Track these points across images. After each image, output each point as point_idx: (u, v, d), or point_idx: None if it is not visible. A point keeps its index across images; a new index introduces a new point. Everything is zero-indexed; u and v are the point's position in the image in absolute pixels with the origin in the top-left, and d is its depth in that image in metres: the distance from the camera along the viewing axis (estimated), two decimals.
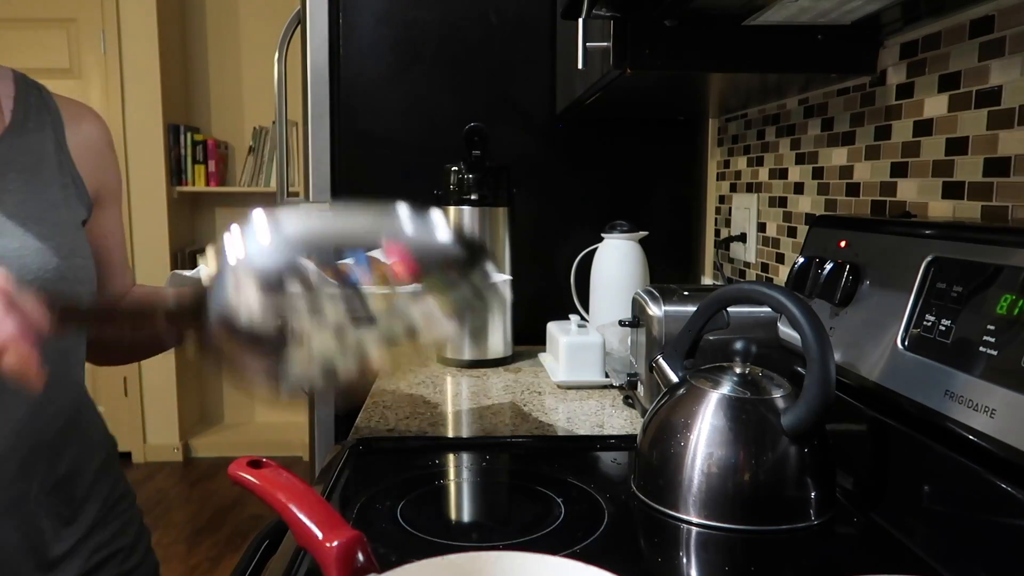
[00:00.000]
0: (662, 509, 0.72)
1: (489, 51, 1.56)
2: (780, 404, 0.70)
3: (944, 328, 0.63)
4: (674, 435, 0.72)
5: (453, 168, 1.37)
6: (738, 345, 0.76)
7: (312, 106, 1.54)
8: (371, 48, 1.55)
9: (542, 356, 1.41)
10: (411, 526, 0.69)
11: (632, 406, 1.13)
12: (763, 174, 1.35)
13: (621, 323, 1.11)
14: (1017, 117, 0.72)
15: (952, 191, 0.82)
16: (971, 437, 0.58)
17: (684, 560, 0.66)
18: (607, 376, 1.23)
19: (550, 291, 1.58)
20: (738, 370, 0.75)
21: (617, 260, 1.36)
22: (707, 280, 1.65)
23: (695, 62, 0.97)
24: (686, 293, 1.02)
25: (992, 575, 0.56)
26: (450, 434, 1.01)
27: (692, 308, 0.88)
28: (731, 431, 0.69)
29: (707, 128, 1.65)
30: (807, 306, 0.67)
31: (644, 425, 0.78)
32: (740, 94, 1.26)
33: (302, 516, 0.53)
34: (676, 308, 0.99)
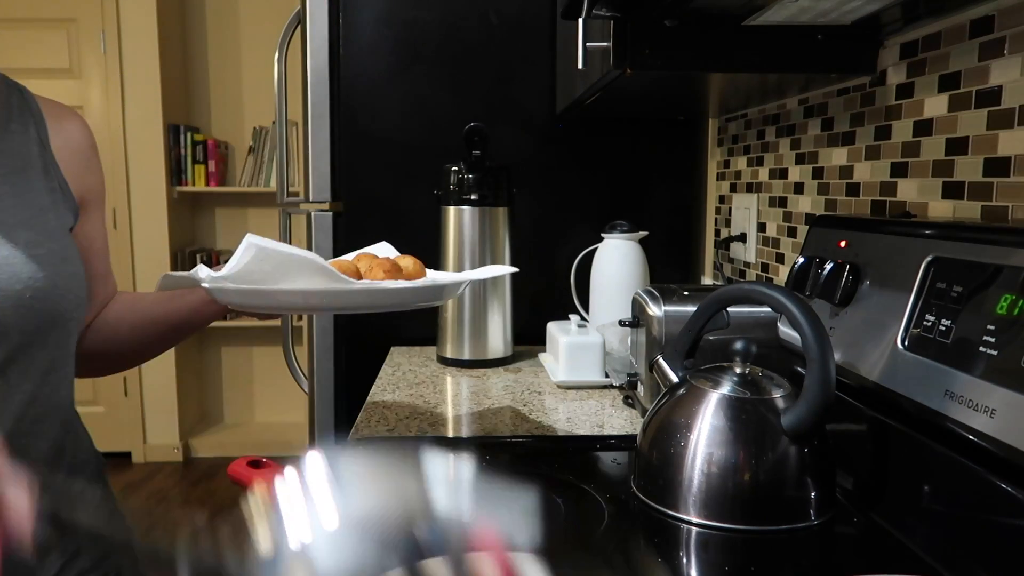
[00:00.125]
0: (662, 509, 0.72)
1: (489, 51, 1.56)
2: (780, 404, 0.70)
3: (944, 328, 0.63)
4: (674, 435, 0.72)
5: (453, 168, 1.37)
6: (738, 345, 0.76)
7: (312, 106, 1.54)
8: (371, 48, 1.55)
9: (542, 356, 1.41)
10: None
11: (632, 406, 1.13)
12: (763, 174, 1.35)
13: (621, 323, 1.11)
14: (1017, 117, 0.72)
15: (952, 191, 0.82)
16: (971, 437, 0.58)
17: (684, 560, 0.65)
18: (607, 376, 1.23)
19: (550, 291, 1.58)
20: (738, 370, 0.75)
21: (617, 260, 1.36)
22: (707, 280, 1.65)
23: (695, 62, 0.97)
24: (686, 293, 1.02)
25: (992, 575, 0.56)
26: (450, 434, 1.01)
27: (692, 308, 0.88)
28: (731, 431, 0.69)
29: (707, 128, 1.65)
30: (807, 306, 0.67)
31: (644, 425, 0.78)
32: (740, 94, 1.26)
33: None
34: (676, 308, 0.99)
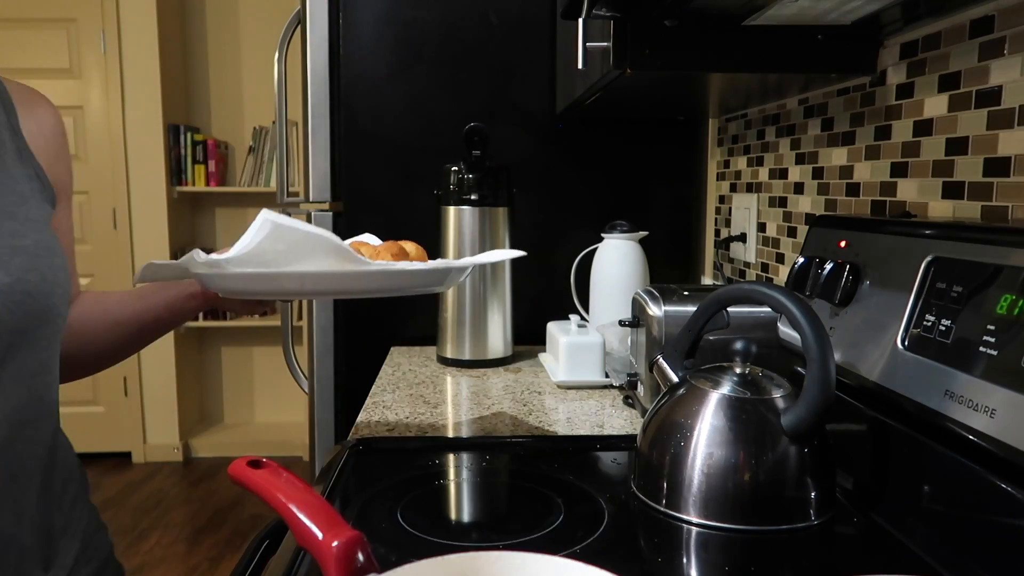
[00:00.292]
0: (662, 509, 0.72)
1: (489, 51, 1.56)
2: (780, 404, 0.70)
3: (944, 328, 0.63)
4: (674, 435, 0.72)
5: (453, 168, 1.37)
6: (738, 345, 0.76)
7: (312, 106, 1.54)
8: (371, 48, 1.55)
9: (542, 356, 1.41)
10: (411, 526, 0.69)
11: (632, 406, 1.13)
12: (763, 174, 1.35)
13: (621, 323, 1.11)
14: (1017, 117, 0.72)
15: (952, 191, 0.82)
16: (971, 437, 0.58)
17: (684, 560, 0.65)
18: (607, 376, 1.23)
19: (550, 291, 1.58)
20: (738, 370, 0.75)
21: (617, 260, 1.36)
22: (707, 280, 1.65)
23: (695, 62, 0.97)
24: (686, 293, 1.02)
25: (992, 575, 0.56)
26: (450, 434, 1.01)
27: (692, 308, 0.88)
28: (731, 431, 0.69)
29: (707, 128, 1.65)
30: (807, 306, 0.67)
31: (644, 425, 0.78)
32: (740, 94, 1.26)
33: (302, 516, 0.53)
34: (676, 308, 0.99)
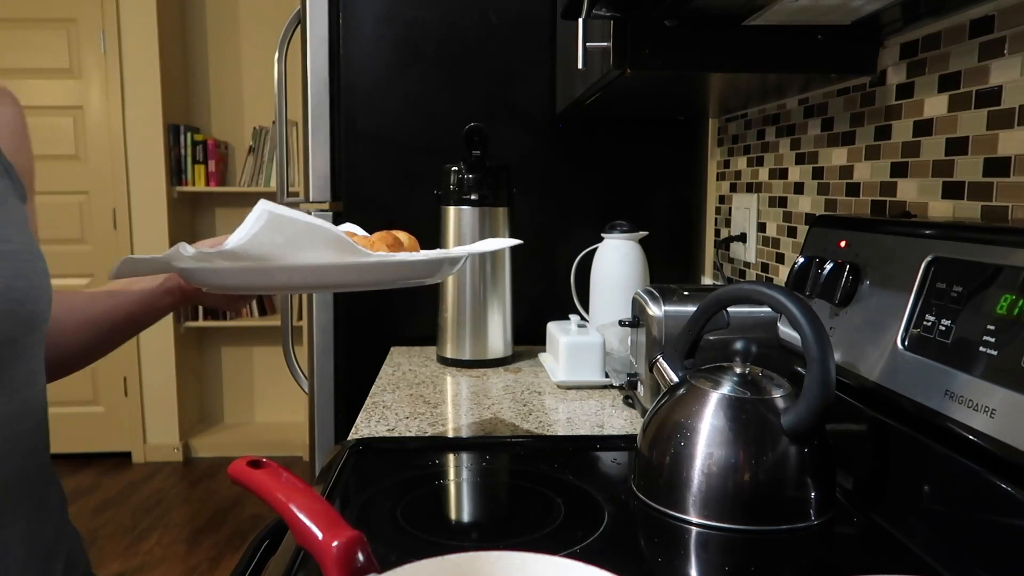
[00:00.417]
0: (662, 509, 0.72)
1: (489, 51, 1.56)
2: (780, 404, 0.70)
3: (944, 328, 0.63)
4: (674, 435, 0.72)
5: (453, 168, 1.37)
6: (738, 345, 0.76)
7: (312, 106, 1.54)
8: (371, 48, 1.55)
9: (542, 356, 1.41)
10: (411, 526, 0.69)
11: (632, 406, 1.13)
12: (763, 174, 1.35)
13: (621, 323, 1.11)
14: (1017, 117, 0.72)
15: (952, 191, 0.82)
16: (971, 437, 0.58)
17: (684, 560, 0.65)
18: (607, 376, 1.23)
19: (550, 291, 1.58)
20: (738, 370, 0.75)
21: (617, 260, 1.36)
22: (707, 280, 1.65)
23: (695, 62, 0.97)
24: (686, 293, 1.02)
25: (992, 575, 0.56)
26: (450, 434, 1.01)
27: (692, 308, 0.88)
28: (731, 431, 0.69)
29: (707, 128, 1.65)
30: (807, 306, 0.67)
31: (644, 425, 0.78)
32: (740, 94, 1.26)
33: (302, 516, 0.53)
34: (676, 308, 0.99)
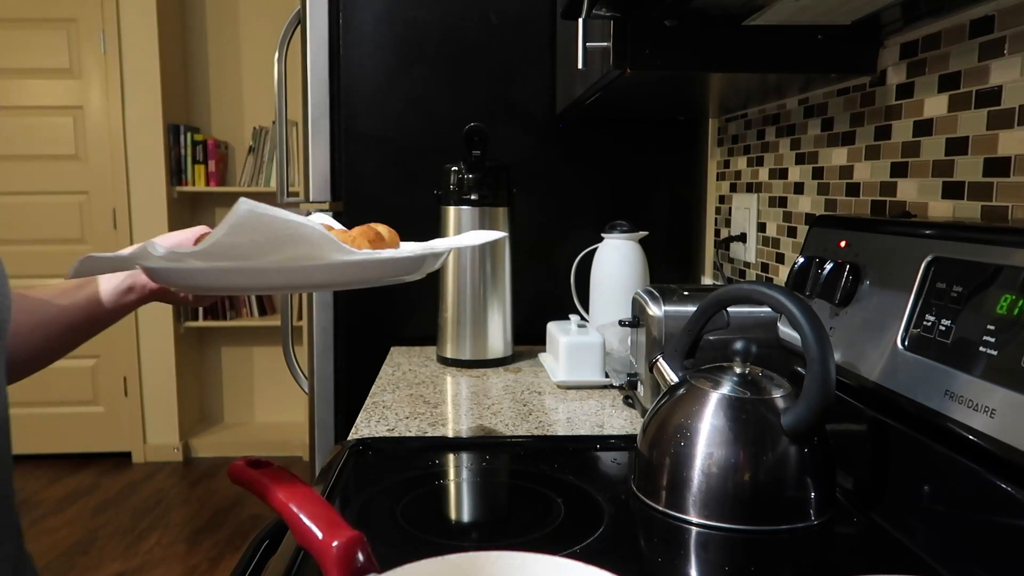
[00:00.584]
0: (662, 509, 0.72)
1: (489, 51, 1.56)
2: (780, 404, 0.70)
3: (944, 328, 0.63)
4: (674, 435, 0.72)
5: (453, 168, 1.37)
6: (738, 345, 0.76)
7: (312, 106, 1.54)
8: (371, 48, 1.55)
9: (542, 356, 1.41)
10: (411, 526, 0.69)
11: (632, 406, 1.13)
12: (763, 174, 1.35)
13: (621, 323, 1.11)
14: (1017, 117, 0.72)
15: (952, 191, 0.82)
16: (971, 437, 0.58)
17: (684, 560, 0.65)
18: (607, 376, 1.23)
19: (550, 291, 1.58)
20: (738, 370, 0.75)
21: (617, 260, 1.36)
22: (707, 280, 1.65)
23: (695, 62, 0.97)
24: (686, 293, 1.02)
25: (992, 575, 0.56)
26: (450, 434, 1.01)
27: (692, 308, 0.88)
28: (731, 431, 0.69)
29: (707, 128, 1.65)
30: (807, 306, 0.67)
31: (644, 425, 0.78)
32: (740, 94, 1.26)
33: (302, 516, 0.53)
34: (676, 308, 0.99)
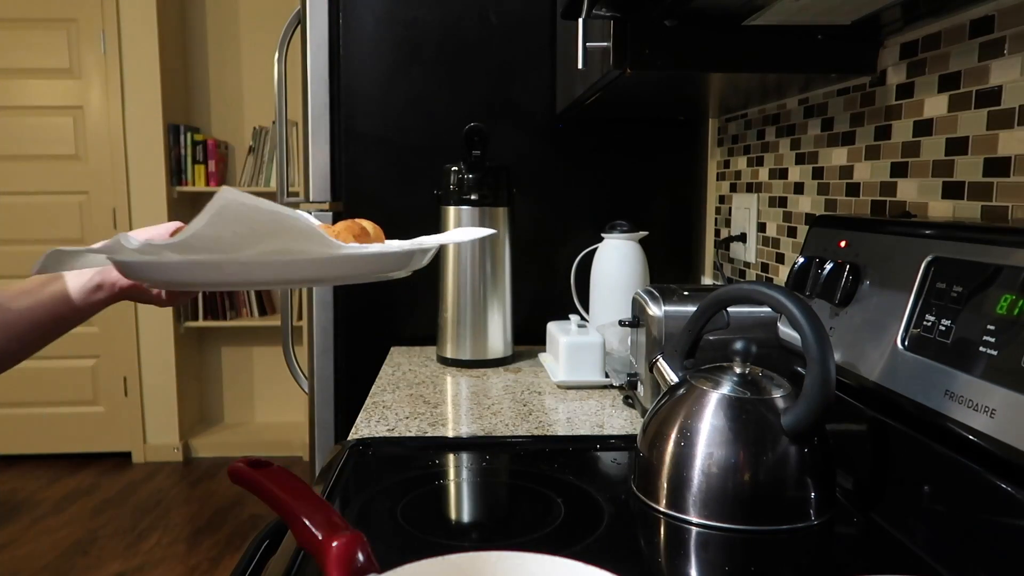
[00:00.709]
0: (662, 509, 0.72)
1: (489, 51, 1.56)
2: (780, 404, 0.70)
3: (944, 328, 0.63)
4: (674, 435, 0.72)
5: (453, 168, 1.37)
6: (738, 345, 0.76)
7: (312, 106, 1.54)
8: (371, 48, 1.55)
9: (542, 356, 1.41)
10: (411, 526, 0.69)
11: (632, 406, 1.13)
12: (763, 174, 1.35)
13: (621, 323, 1.11)
14: (1017, 117, 0.72)
15: (952, 191, 0.82)
16: (971, 437, 0.58)
17: (684, 560, 0.65)
18: (607, 376, 1.23)
19: (550, 291, 1.58)
20: (738, 370, 0.75)
21: (617, 260, 1.36)
22: (707, 280, 1.65)
23: (695, 62, 0.97)
24: (686, 293, 1.02)
25: (992, 575, 0.56)
26: (450, 434, 1.01)
27: (692, 308, 0.88)
28: (731, 431, 0.69)
29: (707, 128, 1.65)
30: (807, 306, 0.67)
31: (644, 425, 0.78)
32: (740, 94, 1.26)
33: (302, 516, 0.53)
34: (676, 308, 0.99)
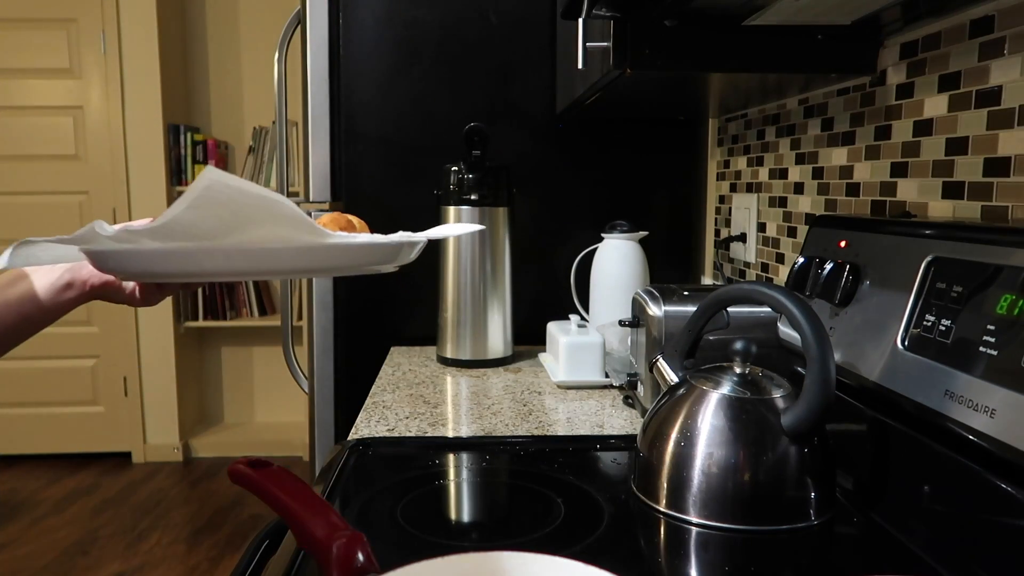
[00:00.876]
0: (662, 509, 0.72)
1: (489, 51, 1.56)
2: (780, 404, 0.70)
3: (944, 328, 0.63)
4: (674, 435, 0.72)
5: (453, 168, 1.37)
6: (738, 345, 0.76)
7: (312, 106, 1.54)
8: (371, 48, 1.55)
9: (542, 356, 1.41)
10: (411, 526, 0.69)
11: (632, 406, 1.13)
12: (763, 174, 1.35)
13: (621, 323, 1.11)
14: (1017, 117, 0.72)
15: (952, 191, 0.82)
16: (971, 437, 0.58)
17: (684, 560, 0.65)
18: (607, 376, 1.23)
19: (550, 291, 1.58)
20: (738, 370, 0.75)
21: (617, 260, 1.36)
22: (707, 280, 1.65)
23: (695, 62, 0.97)
24: (686, 293, 1.02)
25: (992, 575, 0.56)
26: (450, 434, 1.01)
27: (692, 308, 0.88)
28: (731, 431, 0.69)
29: (707, 128, 1.65)
30: (807, 306, 0.67)
31: (644, 425, 0.78)
32: (740, 94, 1.26)
33: (302, 516, 0.53)
34: (676, 308, 0.99)
